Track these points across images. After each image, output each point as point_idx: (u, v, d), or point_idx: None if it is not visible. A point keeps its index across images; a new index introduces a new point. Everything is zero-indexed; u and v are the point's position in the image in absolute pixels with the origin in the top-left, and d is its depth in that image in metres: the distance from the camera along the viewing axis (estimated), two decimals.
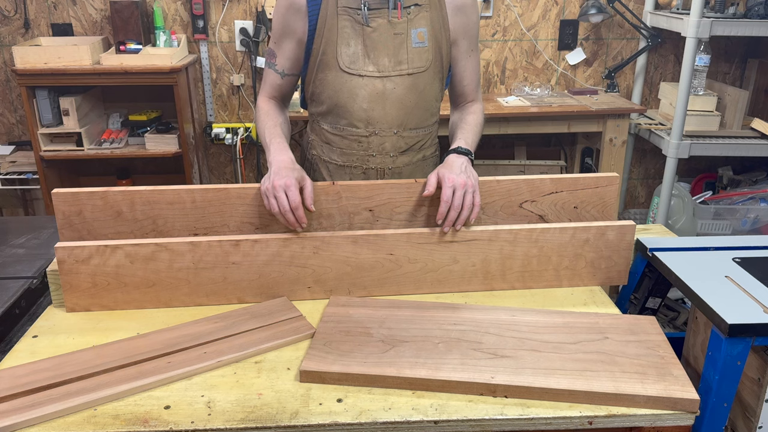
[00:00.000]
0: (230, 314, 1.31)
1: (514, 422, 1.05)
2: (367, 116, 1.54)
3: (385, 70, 1.51)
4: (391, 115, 1.55)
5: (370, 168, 1.61)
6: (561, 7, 3.36)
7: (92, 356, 1.17)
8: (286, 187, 1.32)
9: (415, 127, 1.59)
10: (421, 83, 1.54)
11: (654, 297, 1.62)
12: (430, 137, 1.66)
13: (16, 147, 3.35)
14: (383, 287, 1.40)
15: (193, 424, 1.03)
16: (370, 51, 1.50)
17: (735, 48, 3.47)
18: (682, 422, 1.08)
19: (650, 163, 3.68)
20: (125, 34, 3.09)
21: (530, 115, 3.05)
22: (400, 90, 1.53)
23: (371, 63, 1.50)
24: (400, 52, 1.51)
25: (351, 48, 1.50)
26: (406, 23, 1.50)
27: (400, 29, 1.49)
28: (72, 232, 1.42)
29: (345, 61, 1.50)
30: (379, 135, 1.56)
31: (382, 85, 1.52)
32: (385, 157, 1.60)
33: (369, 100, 1.53)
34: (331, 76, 1.52)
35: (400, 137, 1.58)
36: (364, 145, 1.58)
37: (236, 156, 3.37)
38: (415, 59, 1.52)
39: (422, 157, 1.65)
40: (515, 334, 1.23)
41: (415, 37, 1.51)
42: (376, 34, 1.49)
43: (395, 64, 1.51)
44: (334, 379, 1.12)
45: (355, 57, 1.50)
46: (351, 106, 1.54)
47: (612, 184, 1.51)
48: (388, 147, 1.58)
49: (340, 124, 1.57)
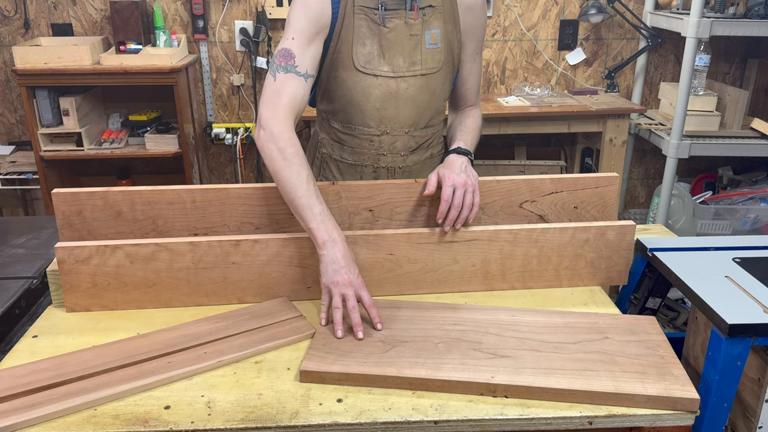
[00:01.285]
0: (230, 314, 1.31)
1: (514, 422, 1.05)
2: (380, 116, 1.54)
3: (399, 71, 1.51)
4: (403, 114, 1.55)
5: (380, 167, 1.61)
6: (561, 7, 3.36)
7: (92, 356, 1.17)
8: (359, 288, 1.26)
9: (426, 126, 1.60)
10: (433, 84, 1.55)
11: (654, 297, 1.62)
12: (436, 136, 1.66)
13: (16, 147, 3.35)
14: (383, 287, 1.40)
15: (193, 424, 1.03)
16: (385, 51, 1.50)
17: (735, 48, 3.46)
18: (682, 422, 1.08)
19: (650, 163, 3.68)
20: (125, 34, 3.09)
21: (530, 115, 3.05)
22: (413, 90, 1.53)
23: (386, 63, 1.50)
24: (415, 53, 1.51)
25: (366, 48, 1.50)
26: (421, 24, 1.50)
27: (415, 30, 1.50)
28: (72, 232, 1.43)
29: (360, 61, 1.50)
30: (390, 134, 1.57)
31: (396, 85, 1.52)
32: (396, 156, 1.60)
33: (382, 99, 1.53)
34: (345, 75, 1.52)
35: (411, 137, 1.59)
36: (376, 144, 1.58)
37: (236, 156, 3.37)
38: (429, 60, 1.52)
39: (430, 155, 1.66)
40: (515, 334, 1.23)
41: (429, 38, 1.51)
42: (392, 34, 1.49)
43: (409, 65, 1.51)
44: (334, 379, 1.12)
45: (371, 57, 1.50)
46: (364, 105, 1.54)
47: (612, 184, 1.51)
48: (399, 146, 1.59)
49: (352, 123, 1.57)
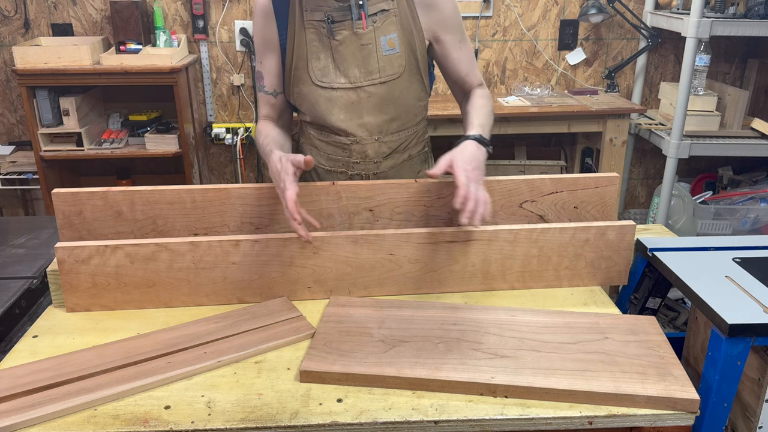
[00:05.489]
0: (230, 314, 1.31)
1: (514, 422, 1.05)
2: (345, 126, 1.53)
3: (356, 81, 1.49)
4: (369, 123, 1.53)
5: (355, 174, 1.60)
6: (561, 7, 3.36)
7: (92, 356, 1.17)
8: (281, 192, 1.30)
9: (397, 130, 1.58)
10: (396, 89, 1.52)
11: (654, 297, 1.62)
12: (415, 137, 1.63)
13: (16, 147, 3.35)
14: (383, 287, 1.40)
15: (193, 424, 1.03)
16: (339, 63, 1.48)
17: (735, 48, 3.47)
18: (682, 422, 1.08)
19: (650, 163, 3.68)
20: (125, 34, 3.09)
21: (530, 115, 3.05)
22: (375, 99, 1.51)
23: (342, 75, 1.49)
24: (370, 62, 1.48)
25: (321, 61, 1.48)
26: (372, 32, 1.47)
27: (367, 39, 1.47)
28: (72, 232, 1.43)
29: (317, 75, 1.49)
30: (360, 143, 1.55)
31: (356, 95, 1.50)
32: (368, 163, 1.58)
33: (345, 111, 1.51)
34: (306, 90, 1.51)
35: (381, 143, 1.57)
36: (348, 152, 1.57)
37: (236, 156, 3.37)
38: (387, 67, 1.49)
39: (408, 157, 1.63)
40: (515, 334, 1.23)
41: (385, 44, 1.48)
42: (342, 46, 1.47)
43: (366, 74, 1.49)
44: (334, 379, 1.12)
45: (326, 70, 1.49)
46: (328, 118, 1.52)
47: (612, 184, 1.51)
48: (370, 153, 1.57)
49: (324, 131, 1.57)
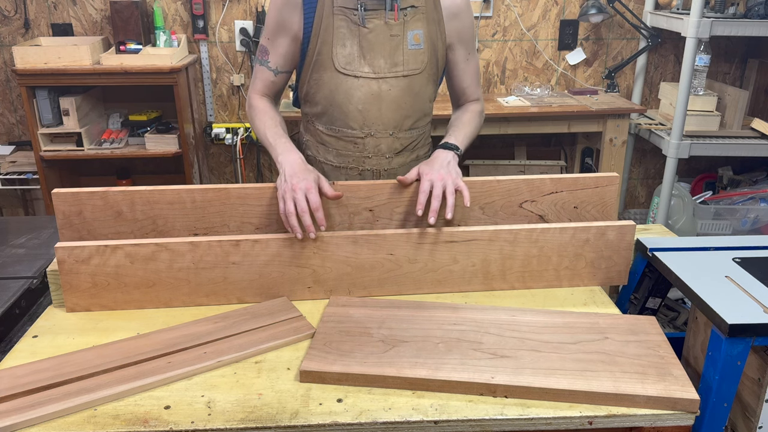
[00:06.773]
0: (230, 314, 1.31)
1: (514, 422, 1.05)
2: (362, 117, 1.54)
3: (380, 72, 1.51)
4: (386, 116, 1.54)
5: (366, 169, 1.60)
6: (561, 7, 3.36)
7: (92, 356, 1.17)
8: (307, 190, 1.32)
9: (411, 128, 1.59)
10: (416, 85, 1.54)
11: (654, 297, 1.62)
12: (423, 137, 1.66)
13: (16, 147, 3.36)
14: (383, 287, 1.40)
15: (193, 424, 1.03)
16: (366, 52, 1.49)
17: (735, 48, 3.47)
18: (682, 422, 1.08)
19: (650, 163, 3.68)
20: (125, 34, 3.09)
21: (530, 115, 3.05)
22: (396, 91, 1.52)
23: (367, 64, 1.50)
24: (396, 54, 1.50)
25: (347, 49, 1.49)
26: (402, 25, 1.49)
27: (396, 31, 1.49)
28: (72, 232, 1.43)
29: (341, 62, 1.50)
30: (375, 136, 1.56)
31: (377, 86, 1.51)
32: (380, 159, 1.59)
33: (364, 101, 1.52)
34: (326, 77, 1.52)
35: (395, 138, 1.58)
36: (360, 147, 1.58)
37: (236, 156, 3.37)
38: (411, 61, 1.52)
39: (416, 157, 1.65)
40: (515, 334, 1.23)
41: (411, 39, 1.50)
42: (372, 35, 1.48)
43: (391, 66, 1.51)
44: (334, 379, 1.12)
45: (351, 58, 1.50)
46: (346, 107, 1.53)
47: (612, 184, 1.51)
48: (384, 148, 1.58)
49: (335, 125, 1.57)
